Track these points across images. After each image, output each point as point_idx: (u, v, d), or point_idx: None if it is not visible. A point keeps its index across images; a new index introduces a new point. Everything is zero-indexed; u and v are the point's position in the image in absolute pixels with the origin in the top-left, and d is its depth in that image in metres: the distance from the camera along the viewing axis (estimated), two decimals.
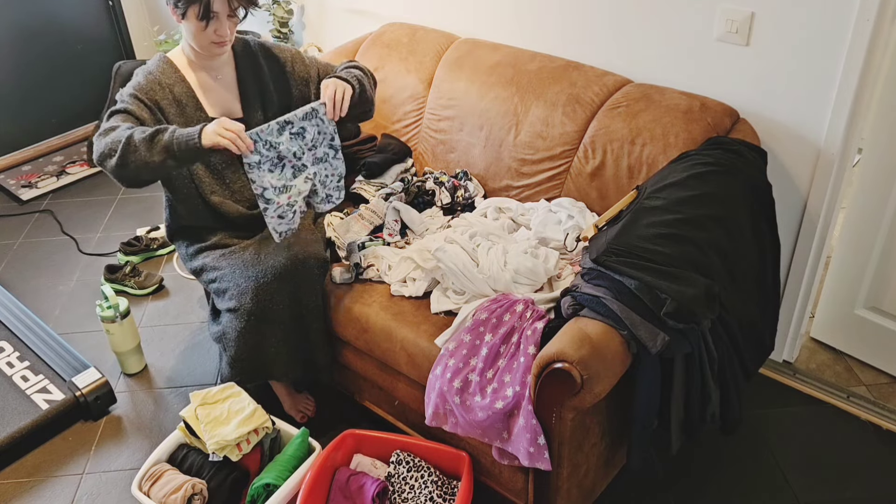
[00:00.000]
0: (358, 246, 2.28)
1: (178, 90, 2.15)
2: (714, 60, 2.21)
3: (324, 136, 2.04)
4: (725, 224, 1.86)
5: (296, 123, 1.96)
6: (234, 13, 2.05)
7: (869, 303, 2.40)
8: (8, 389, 2.44)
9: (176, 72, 2.17)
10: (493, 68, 2.50)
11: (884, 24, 1.91)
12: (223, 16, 2.04)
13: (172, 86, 2.15)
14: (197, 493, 1.99)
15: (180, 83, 2.16)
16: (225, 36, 2.08)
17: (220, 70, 2.22)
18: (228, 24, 2.07)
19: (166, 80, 2.15)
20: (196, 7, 2.00)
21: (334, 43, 3.24)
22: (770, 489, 2.13)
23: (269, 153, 1.94)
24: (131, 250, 3.14)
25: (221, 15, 2.03)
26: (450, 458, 2.04)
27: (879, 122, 2.14)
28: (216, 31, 2.05)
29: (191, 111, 2.16)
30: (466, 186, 2.46)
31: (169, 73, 2.16)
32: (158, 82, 2.13)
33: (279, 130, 1.93)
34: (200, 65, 2.19)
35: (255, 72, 2.26)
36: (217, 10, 2.02)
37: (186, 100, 2.16)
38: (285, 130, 1.95)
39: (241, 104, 2.24)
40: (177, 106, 2.15)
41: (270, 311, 2.09)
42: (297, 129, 1.97)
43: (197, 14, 2.01)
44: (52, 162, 3.96)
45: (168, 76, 2.15)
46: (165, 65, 2.17)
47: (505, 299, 1.93)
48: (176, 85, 2.15)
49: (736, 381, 1.90)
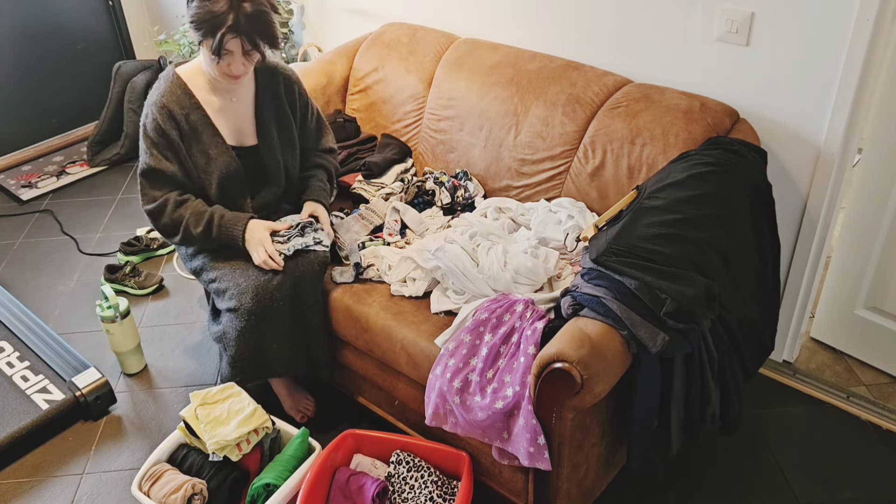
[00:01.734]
0: (358, 246, 2.28)
1: (193, 118, 2.10)
2: (714, 60, 2.21)
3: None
4: (725, 224, 1.86)
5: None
6: (249, 53, 2.00)
7: (869, 303, 2.40)
8: (8, 389, 2.44)
9: (190, 97, 2.10)
10: (493, 68, 2.50)
11: (884, 23, 1.91)
12: (237, 54, 1.99)
13: (188, 114, 2.10)
14: (197, 493, 1.99)
15: (195, 110, 2.11)
16: (238, 72, 2.03)
17: (238, 92, 2.17)
18: (243, 60, 2.01)
19: (180, 109, 2.09)
20: (210, 41, 1.95)
21: (334, 43, 3.24)
22: (770, 489, 2.13)
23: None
24: (131, 250, 3.14)
25: (236, 53, 1.98)
26: (450, 458, 2.04)
27: (879, 122, 2.14)
28: (229, 66, 2.01)
29: (207, 138, 2.12)
30: (466, 186, 2.46)
31: (183, 101, 2.09)
32: (172, 116, 2.08)
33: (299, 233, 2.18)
34: (218, 87, 2.13)
35: (275, 97, 2.22)
36: (231, 49, 1.96)
37: (202, 128, 2.11)
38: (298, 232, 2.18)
39: (257, 129, 2.20)
40: (193, 135, 2.11)
41: (270, 310, 2.09)
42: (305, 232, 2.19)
43: (210, 48, 1.96)
44: (52, 162, 3.96)
45: (182, 104, 2.09)
46: (178, 90, 2.10)
47: (505, 299, 1.93)
48: (191, 112, 2.10)
49: (736, 381, 1.90)
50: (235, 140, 2.19)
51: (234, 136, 2.18)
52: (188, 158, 2.13)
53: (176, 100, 2.09)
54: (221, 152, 2.14)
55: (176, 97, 2.09)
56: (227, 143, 2.15)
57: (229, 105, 2.16)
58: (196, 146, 2.12)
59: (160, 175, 2.11)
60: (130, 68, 3.85)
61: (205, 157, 2.13)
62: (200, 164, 2.13)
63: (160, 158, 2.10)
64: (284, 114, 2.23)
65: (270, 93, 2.21)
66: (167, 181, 2.12)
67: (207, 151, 2.13)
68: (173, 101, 2.09)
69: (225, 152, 2.15)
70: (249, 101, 2.19)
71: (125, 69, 3.84)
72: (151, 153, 2.10)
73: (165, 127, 2.07)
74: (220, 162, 2.14)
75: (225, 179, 2.16)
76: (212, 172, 2.14)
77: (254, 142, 2.21)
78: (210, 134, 2.12)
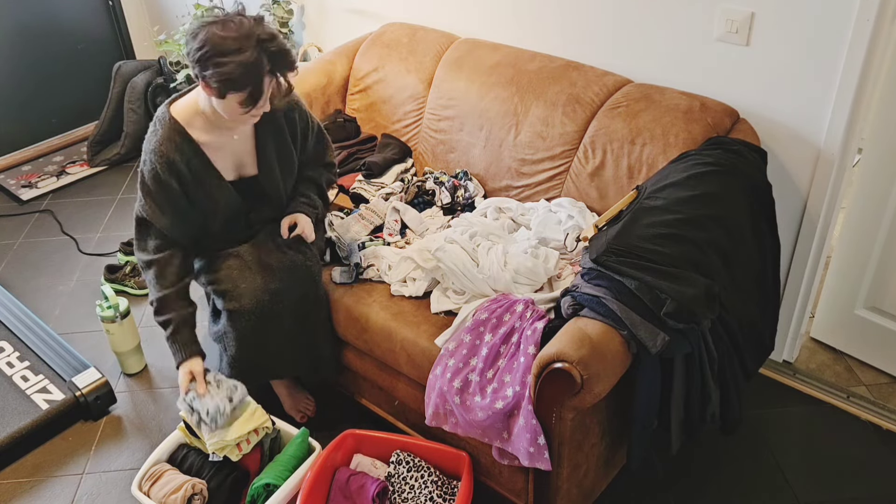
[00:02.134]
0: (358, 246, 2.28)
1: (194, 164, 2.00)
2: (714, 60, 2.20)
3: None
4: (725, 224, 1.86)
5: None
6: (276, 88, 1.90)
7: (869, 303, 2.40)
8: (8, 389, 2.44)
9: (189, 143, 1.97)
10: (493, 68, 2.50)
11: (884, 24, 1.91)
12: (268, 94, 1.87)
13: (189, 161, 1.99)
14: (197, 493, 1.99)
15: (196, 157, 1.99)
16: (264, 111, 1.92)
17: (239, 128, 2.05)
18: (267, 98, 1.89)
19: (181, 157, 1.97)
20: (241, 94, 1.81)
21: (334, 43, 3.24)
22: (770, 489, 2.13)
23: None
24: (131, 250, 3.14)
25: (267, 94, 1.86)
26: (450, 458, 2.04)
27: (879, 122, 2.14)
28: (258, 109, 1.88)
29: (210, 180, 2.04)
30: (466, 186, 2.46)
31: (183, 148, 1.97)
32: (173, 165, 1.97)
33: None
34: (219, 125, 2.00)
35: (275, 127, 2.11)
36: (265, 91, 1.85)
37: (204, 173, 2.02)
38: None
39: (258, 161, 2.12)
40: (195, 182, 2.02)
41: (270, 312, 2.09)
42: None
43: (241, 101, 1.83)
44: (52, 162, 3.96)
45: (183, 151, 1.97)
46: (178, 136, 1.97)
47: (505, 299, 1.93)
48: (192, 159, 1.99)
49: (736, 381, 1.90)
50: (235, 174, 2.11)
51: (233, 170, 2.11)
52: (190, 206, 2.05)
53: (176, 147, 1.97)
54: (224, 194, 2.08)
55: (175, 144, 1.97)
56: (226, 181, 2.08)
57: (230, 142, 2.06)
58: (200, 191, 2.04)
59: (151, 228, 2.04)
60: (130, 68, 3.85)
61: (209, 201, 2.07)
62: (205, 207, 2.08)
63: (154, 211, 2.01)
64: (285, 143, 2.15)
65: (271, 123, 2.09)
66: (156, 234, 2.04)
67: (212, 194, 2.06)
68: (173, 150, 1.96)
69: (227, 193, 2.09)
70: (249, 135, 2.10)
71: (125, 69, 3.84)
72: (146, 203, 2.02)
73: (164, 177, 1.97)
74: (223, 203, 2.09)
75: (227, 215, 2.12)
76: (217, 213, 2.10)
77: (254, 172, 2.13)
78: (212, 177, 2.05)
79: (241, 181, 2.12)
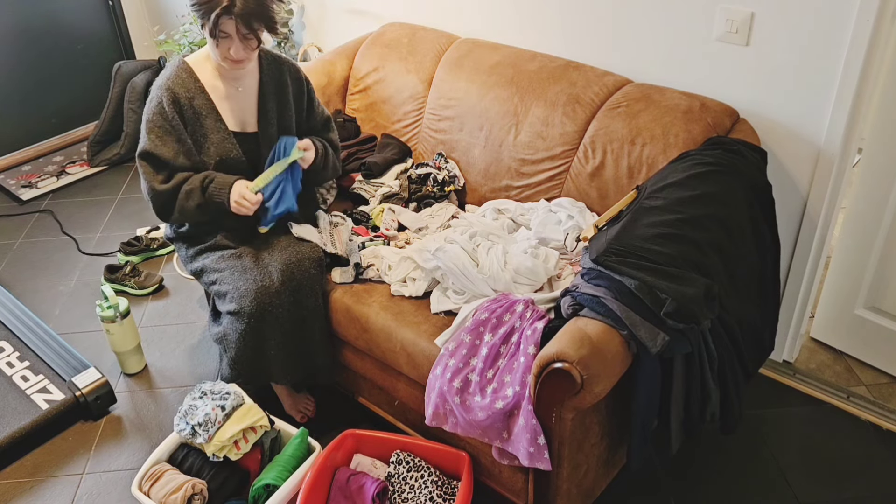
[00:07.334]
0: (358, 246, 2.28)
1: (197, 102, 2.14)
2: (714, 60, 2.21)
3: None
4: (725, 224, 1.86)
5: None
6: (246, 37, 2.01)
7: (869, 303, 2.40)
8: (8, 389, 2.44)
9: (195, 81, 2.14)
10: (493, 68, 2.50)
11: (884, 23, 1.91)
12: (236, 37, 2.00)
13: (192, 98, 2.13)
14: (197, 493, 1.99)
15: (199, 94, 2.14)
16: (239, 56, 2.04)
17: (243, 80, 2.20)
18: (243, 45, 2.02)
19: (185, 93, 2.12)
20: (206, 22, 1.98)
21: (334, 43, 3.24)
22: (770, 489, 2.14)
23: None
24: (131, 250, 3.14)
25: (234, 36, 2.00)
26: (450, 458, 2.04)
27: (879, 122, 2.14)
28: (230, 50, 2.03)
29: (210, 122, 2.15)
30: (447, 167, 2.51)
31: (188, 85, 2.13)
32: (176, 99, 2.11)
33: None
34: (224, 73, 2.17)
35: (279, 87, 2.24)
36: (227, 31, 1.99)
37: (206, 112, 2.15)
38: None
39: (258, 118, 2.22)
40: (196, 119, 2.14)
41: (270, 314, 2.09)
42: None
43: (209, 31, 1.99)
44: (52, 162, 3.96)
45: (188, 87, 2.13)
46: (185, 74, 2.14)
47: (505, 299, 1.93)
48: (196, 97, 2.14)
49: (736, 380, 1.90)
50: (238, 126, 2.21)
51: (237, 122, 2.21)
52: (188, 140, 2.14)
53: (181, 83, 2.13)
54: (223, 138, 2.17)
55: (181, 81, 2.13)
56: (228, 128, 2.18)
57: (234, 93, 2.19)
58: (198, 130, 2.15)
59: (156, 159, 2.13)
60: (130, 68, 3.85)
61: (206, 141, 2.16)
62: (201, 146, 2.16)
63: (156, 142, 2.12)
64: (286, 105, 2.26)
65: (275, 84, 2.24)
66: (163, 165, 2.13)
67: (209, 135, 2.15)
68: (178, 85, 2.12)
69: (226, 138, 2.17)
70: (254, 90, 2.22)
71: (125, 69, 3.85)
72: (149, 137, 2.13)
73: (168, 110, 2.10)
74: (221, 147, 2.16)
75: (222, 164, 2.17)
76: (211, 156, 2.16)
77: (255, 129, 2.23)
78: (213, 119, 2.15)
79: (242, 136, 2.21)
